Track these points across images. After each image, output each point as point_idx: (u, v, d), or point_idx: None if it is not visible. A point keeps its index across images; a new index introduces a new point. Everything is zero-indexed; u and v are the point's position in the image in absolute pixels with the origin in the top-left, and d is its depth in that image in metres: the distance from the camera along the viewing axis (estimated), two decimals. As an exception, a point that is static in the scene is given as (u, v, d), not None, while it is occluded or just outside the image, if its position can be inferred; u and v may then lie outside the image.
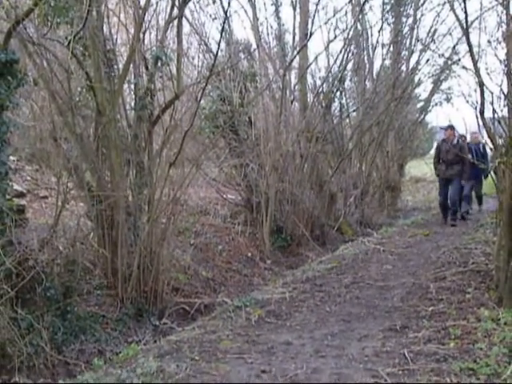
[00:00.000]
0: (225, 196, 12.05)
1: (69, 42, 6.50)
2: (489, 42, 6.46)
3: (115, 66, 7.66)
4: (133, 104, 8.04)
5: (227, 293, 8.59)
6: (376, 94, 14.73)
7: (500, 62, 6.03)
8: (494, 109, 5.87)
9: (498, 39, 6.85)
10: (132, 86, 8.21)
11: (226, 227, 11.12)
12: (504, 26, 6.27)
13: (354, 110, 15.63)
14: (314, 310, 6.33)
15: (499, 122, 5.97)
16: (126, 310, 6.89)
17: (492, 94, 5.84)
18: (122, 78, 7.36)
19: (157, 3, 8.34)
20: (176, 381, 4.20)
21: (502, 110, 6.07)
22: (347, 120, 15.66)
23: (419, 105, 20.78)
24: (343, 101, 14.91)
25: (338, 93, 14.16)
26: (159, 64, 7.78)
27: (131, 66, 7.53)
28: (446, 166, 12.06)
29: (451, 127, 12.24)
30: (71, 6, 7.00)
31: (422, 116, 20.77)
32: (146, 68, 7.82)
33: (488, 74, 6.42)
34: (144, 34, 8.06)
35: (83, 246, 7.29)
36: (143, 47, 8.02)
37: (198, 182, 11.76)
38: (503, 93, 5.79)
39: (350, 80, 15.67)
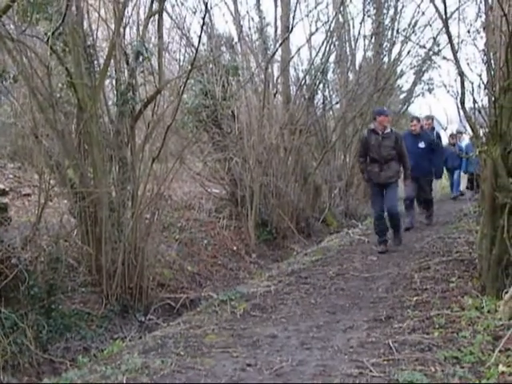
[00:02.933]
0: (209, 190, 12.03)
1: (48, 38, 6.45)
2: (468, 32, 6.51)
3: (96, 62, 7.62)
4: (114, 99, 7.99)
5: (213, 287, 8.59)
6: (359, 85, 14.75)
7: (479, 52, 6.06)
8: (474, 99, 5.90)
9: (477, 30, 6.90)
10: (113, 82, 8.15)
11: (211, 221, 11.11)
12: (483, 17, 6.30)
13: (337, 102, 15.67)
14: (299, 303, 6.34)
15: (479, 112, 6.01)
16: (111, 307, 6.86)
17: (472, 84, 5.87)
18: (103, 73, 7.30)
19: (137, -3, 8.28)
20: (161, 376, 4.19)
21: (482, 100, 6.11)
22: (330, 112, 15.71)
23: (402, 96, 20.84)
24: (326, 93, 14.96)
25: (321, 85, 14.17)
26: (140, 59, 7.74)
27: (112, 61, 7.47)
28: (379, 167, 8.71)
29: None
30: (50, 2, 6.94)
31: (405, 107, 20.83)
32: (127, 63, 7.77)
33: (468, 64, 6.46)
34: (124, 28, 8.01)
35: (67, 244, 7.25)
36: (124, 42, 7.96)
37: (182, 176, 11.74)
38: (483, 82, 5.83)
39: (333, 72, 15.69)
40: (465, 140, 15.52)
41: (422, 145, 10.60)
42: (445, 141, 15.71)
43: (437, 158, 11.24)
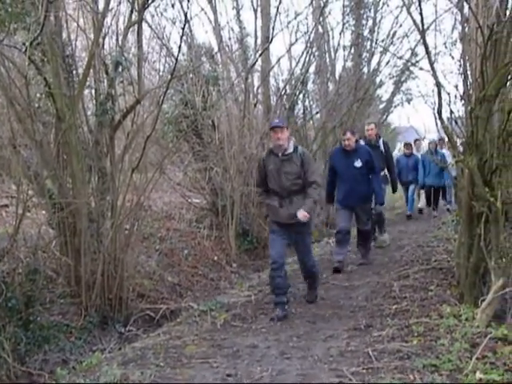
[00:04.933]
0: (190, 200, 12.00)
1: (26, 48, 6.40)
2: (444, 44, 6.59)
3: (75, 72, 7.57)
4: (94, 109, 7.95)
5: (193, 297, 8.56)
6: (338, 95, 14.85)
7: (456, 63, 6.14)
8: (451, 109, 5.97)
9: (453, 41, 6.99)
10: (92, 92, 8.11)
11: (192, 231, 11.07)
12: (459, 28, 6.39)
13: (317, 112, 15.74)
14: (279, 313, 6.34)
15: (456, 122, 6.08)
16: (90, 318, 6.80)
17: (449, 94, 5.94)
18: (82, 83, 7.27)
19: (116, 8, 8.26)
20: (140, 388, 4.18)
21: (458, 110, 6.19)
22: (311, 122, 15.75)
23: (381, 106, 21.04)
24: (306, 103, 15.02)
25: (301, 95, 14.24)
26: (120, 69, 7.71)
27: (91, 71, 7.44)
28: (279, 201, 6.30)
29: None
30: (28, 12, 6.88)
31: (385, 117, 21.06)
32: (107, 73, 7.74)
33: (444, 75, 6.54)
34: (104, 38, 7.97)
35: (45, 255, 7.18)
36: (103, 52, 7.93)
37: (162, 186, 11.71)
38: (459, 93, 5.91)
39: (313, 82, 15.77)
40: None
41: (358, 163, 8.27)
42: (394, 151, 15.44)
43: (377, 181, 8.69)
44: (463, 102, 5.95)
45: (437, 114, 5.93)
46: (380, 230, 10.43)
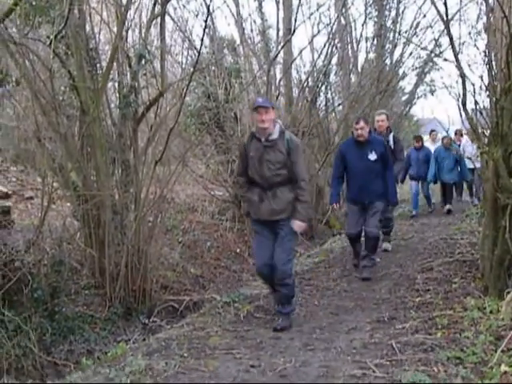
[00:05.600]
0: (212, 192, 12.04)
1: (51, 42, 6.46)
2: (469, 34, 6.52)
3: (98, 65, 7.63)
4: (117, 102, 8.01)
5: (216, 289, 8.60)
6: (361, 87, 14.73)
7: (481, 53, 6.07)
8: (475, 100, 5.91)
9: (478, 31, 6.91)
10: (116, 85, 8.17)
11: (214, 224, 11.11)
12: (484, 18, 6.31)
13: (339, 104, 15.64)
14: (302, 304, 6.35)
15: (481, 113, 6.01)
16: (114, 310, 6.87)
17: (473, 85, 5.88)
18: (106, 76, 7.32)
19: (139, 1, 8.31)
20: (165, 378, 4.21)
21: (483, 101, 6.12)
22: (333, 114, 15.67)
23: (404, 97, 20.87)
24: (328, 95, 14.92)
25: (323, 87, 14.15)
26: (143, 62, 7.75)
27: (114, 64, 7.48)
28: (259, 194, 5.47)
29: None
30: (52, 5, 6.95)
31: (407, 109, 20.88)
32: (130, 66, 7.78)
33: (469, 65, 6.47)
34: (127, 31, 8.02)
35: (70, 246, 7.26)
36: (126, 45, 7.98)
37: (185, 179, 11.75)
38: (484, 84, 5.84)
39: (335, 74, 15.67)
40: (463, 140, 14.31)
41: (372, 156, 7.30)
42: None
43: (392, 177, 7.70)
44: (488, 92, 5.88)
45: (461, 105, 5.87)
46: (384, 237, 9.19)
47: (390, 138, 8.85)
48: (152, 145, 7.83)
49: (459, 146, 14.11)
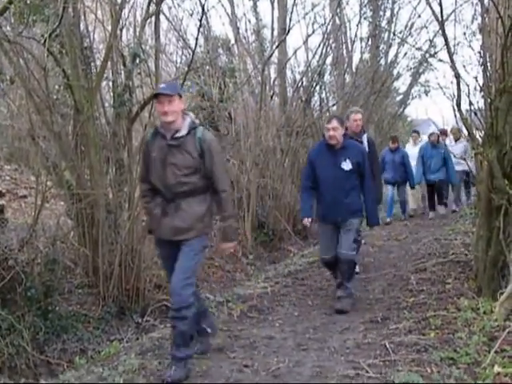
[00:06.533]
0: (206, 192, 12.01)
1: (45, 40, 6.44)
2: (464, 34, 6.53)
3: (93, 64, 7.59)
4: (111, 101, 7.98)
5: (210, 289, 8.57)
6: (355, 87, 14.76)
7: (475, 54, 6.09)
8: (470, 101, 5.92)
9: (473, 32, 6.93)
10: (110, 83, 8.14)
11: (208, 223, 11.08)
12: (479, 19, 6.33)
13: (333, 104, 15.64)
14: (296, 304, 6.37)
15: (475, 114, 6.03)
16: (107, 309, 6.85)
17: (468, 86, 5.90)
18: (100, 75, 7.30)
19: (134, 0, 8.29)
20: (158, 378, 4.21)
21: (478, 102, 6.14)
22: (327, 114, 15.67)
23: (398, 98, 20.91)
24: (323, 95, 14.92)
25: (318, 87, 14.15)
26: (137, 61, 7.72)
27: (109, 63, 7.46)
28: (161, 206, 4.44)
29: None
30: (47, 4, 6.93)
31: (402, 109, 20.92)
32: (124, 65, 7.76)
33: (464, 66, 6.48)
34: (121, 30, 7.99)
35: (63, 245, 7.23)
36: (121, 44, 7.96)
37: (179, 178, 11.72)
38: (479, 85, 5.86)
39: (330, 74, 15.67)
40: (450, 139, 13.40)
41: (346, 165, 6.09)
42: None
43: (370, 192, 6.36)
44: (483, 93, 5.89)
45: (456, 106, 5.89)
46: None
47: (364, 139, 7.56)
48: (146, 144, 7.80)
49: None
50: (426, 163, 12.13)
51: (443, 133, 13.88)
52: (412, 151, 12.88)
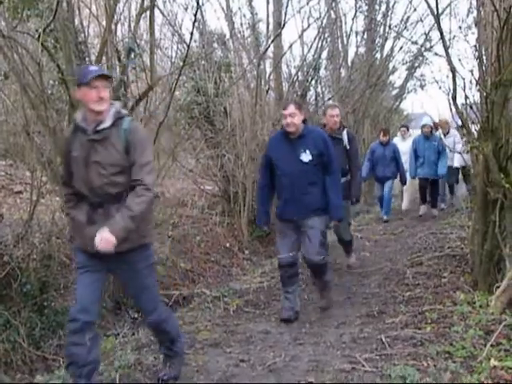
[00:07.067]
0: (202, 187, 12.01)
1: (39, 35, 6.41)
2: (460, 28, 6.52)
3: (87, 59, 7.57)
4: (106, 96, 7.96)
5: (206, 284, 8.57)
6: (351, 81, 14.77)
7: (471, 47, 6.08)
8: (466, 95, 5.92)
9: (468, 25, 6.92)
10: (105, 78, 8.11)
11: (204, 218, 11.08)
12: (475, 12, 6.32)
13: (329, 98, 15.61)
14: (292, 299, 6.35)
15: (471, 108, 6.03)
16: (103, 304, 6.83)
17: (464, 79, 5.89)
18: (95, 70, 7.28)
19: (128, -6, 8.26)
20: (154, 373, 4.21)
21: (473, 96, 6.14)
22: (323, 108, 15.67)
23: (394, 92, 20.91)
24: (318, 89, 14.93)
25: (314, 81, 14.16)
26: (132, 55, 7.70)
27: (104, 57, 7.43)
28: (86, 212, 3.78)
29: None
30: (41, -2, 6.91)
31: (398, 103, 20.95)
32: (119, 60, 7.74)
33: (459, 60, 6.48)
34: (116, 25, 7.96)
35: (59, 241, 7.21)
36: (115, 39, 7.92)
37: (175, 173, 11.72)
38: (474, 78, 5.85)
39: (325, 68, 15.67)
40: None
41: (305, 156, 5.39)
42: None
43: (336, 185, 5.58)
44: (478, 87, 5.89)
45: (451, 100, 5.88)
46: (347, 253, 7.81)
47: (344, 135, 7.04)
48: (141, 139, 7.77)
49: None
50: (418, 157, 11.31)
51: (436, 126, 12.79)
52: (400, 146, 11.91)
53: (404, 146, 12.09)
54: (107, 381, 4.08)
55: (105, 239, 3.46)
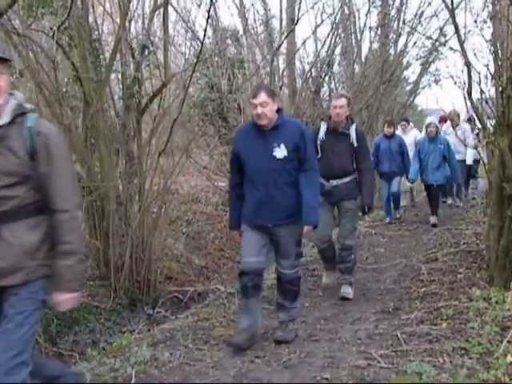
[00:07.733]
0: (216, 183, 12.03)
1: (54, 33, 6.44)
2: (475, 22, 6.47)
3: (102, 56, 7.62)
4: (120, 93, 8.00)
5: (220, 280, 8.60)
6: (365, 77, 14.70)
7: (486, 41, 6.03)
8: (481, 89, 5.87)
9: (484, 20, 6.86)
10: (119, 76, 8.15)
11: (218, 215, 11.11)
12: (490, 6, 6.27)
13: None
14: (306, 295, 6.34)
15: (487, 103, 5.98)
16: (119, 300, 6.88)
17: (479, 74, 5.85)
18: (109, 67, 7.30)
19: (142, -9, 8.28)
20: (170, 369, 4.22)
21: (489, 90, 6.09)
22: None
23: (408, 87, 20.81)
24: (332, 85, 14.91)
25: (327, 77, 14.14)
26: (146, 52, 7.73)
27: (118, 55, 7.46)
28: None
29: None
30: (55, -4, 6.94)
31: (412, 98, 20.83)
32: (133, 57, 7.77)
33: (475, 54, 6.42)
34: (130, 22, 8.00)
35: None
36: (129, 36, 7.96)
37: (189, 170, 11.75)
38: (490, 73, 5.80)
39: (339, 64, 15.64)
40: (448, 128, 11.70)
41: (279, 152, 4.49)
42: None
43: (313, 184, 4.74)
44: (494, 81, 5.84)
45: (467, 95, 5.85)
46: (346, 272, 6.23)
47: (352, 131, 6.01)
48: (156, 136, 7.81)
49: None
50: (423, 160, 9.94)
51: (445, 119, 12.43)
52: None
53: (405, 140, 11.07)
54: (123, 377, 4.10)
55: (66, 302, 3.00)
